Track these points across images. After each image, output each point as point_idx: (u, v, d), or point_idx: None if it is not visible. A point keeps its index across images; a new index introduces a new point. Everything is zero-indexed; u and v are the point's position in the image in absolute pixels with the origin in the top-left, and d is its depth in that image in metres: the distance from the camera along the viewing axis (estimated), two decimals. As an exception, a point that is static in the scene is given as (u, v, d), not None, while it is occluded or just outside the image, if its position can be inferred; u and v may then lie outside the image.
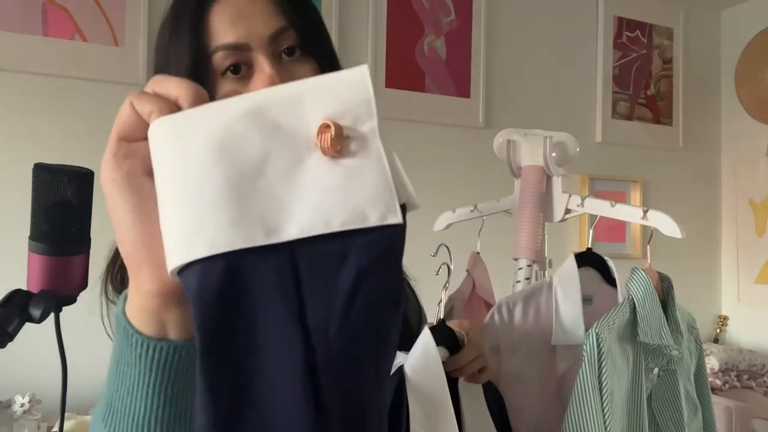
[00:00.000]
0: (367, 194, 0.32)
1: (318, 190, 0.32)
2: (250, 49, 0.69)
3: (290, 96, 0.33)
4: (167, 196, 0.33)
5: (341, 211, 0.32)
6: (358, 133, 0.33)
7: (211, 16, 0.69)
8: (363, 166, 0.33)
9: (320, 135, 0.33)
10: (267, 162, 0.33)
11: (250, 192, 0.32)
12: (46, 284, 0.65)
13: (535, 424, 0.96)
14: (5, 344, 0.62)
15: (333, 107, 0.33)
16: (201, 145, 0.33)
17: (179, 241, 0.32)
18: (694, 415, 1.02)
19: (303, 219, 0.32)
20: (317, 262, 0.32)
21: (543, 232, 1.21)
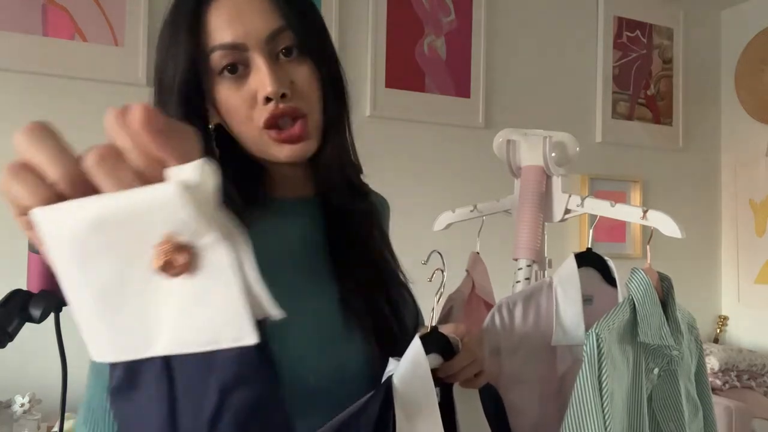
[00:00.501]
0: (218, 317, 0.32)
1: (171, 310, 0.32)
2: (246, 48, 0.69)
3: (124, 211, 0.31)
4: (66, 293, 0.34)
5: (195, 335, 0.32)
6: (199, 248, 0.31)
7: (208, 16, 0.70)
8: (210, 284, 0.32)
9: (154, 256, 0.31)
10: (123, 280, 0.32)
11: (116, 308, 0.33)
12: (46, 284, 0.65)
13: (535, 424, 0.96)
14: (5, 344, 0.62)
15: (168, 224, 0.31)
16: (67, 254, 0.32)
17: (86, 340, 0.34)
18: (695, 415, 1.02)
19: (165, 338, 0.33)
20: (186, 373, 0.33)
21: (543, 232, 1.21)
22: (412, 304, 0.87)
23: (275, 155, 0.74)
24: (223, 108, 0.73)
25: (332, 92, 0.77)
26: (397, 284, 0.85)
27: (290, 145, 0.73)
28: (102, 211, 0.31)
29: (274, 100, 0.70)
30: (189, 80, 0.70)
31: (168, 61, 0.72)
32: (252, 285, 0.32)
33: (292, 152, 0.73)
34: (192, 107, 0.72)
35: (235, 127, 0.74)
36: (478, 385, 0.82)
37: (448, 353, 0.77)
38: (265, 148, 0.74)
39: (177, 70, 0.70)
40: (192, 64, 0.70)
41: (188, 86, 0.71)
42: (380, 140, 2.62)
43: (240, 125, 0.73)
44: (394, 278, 0.85)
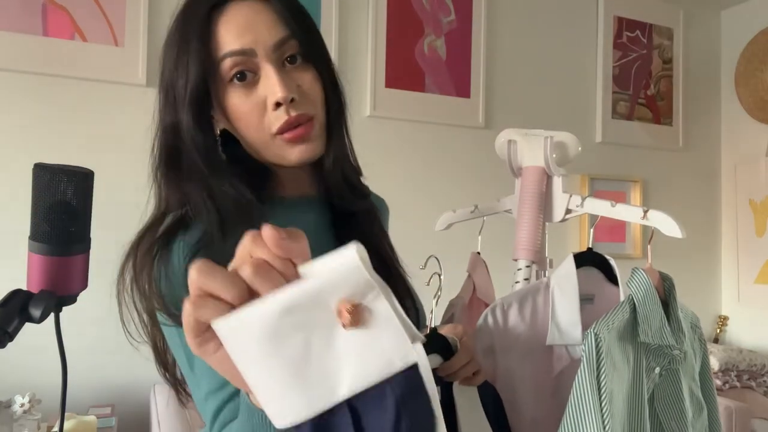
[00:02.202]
0: (389, 347, 0.42)
1: (353, 355, 0.42)
2: (255, 56, 0.74)
3: (311, 292, 0.41)
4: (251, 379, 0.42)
5: (375, 366, 0.42)
6: (368, 303, 0.42)
7: (218, 26, 0.74)
8: (379, 326, 0.42)
9: (340, 316, 0.41)
10: (309, 346, 0.41)
11: (305, 371, 0.42)
12: (46, 284, 0.65)
13: (531, 423, 0.96)
14: (5, 344, 0.62)
15: (344, 291, 0.41)
16: (257, 342, 0.41)
17: (271, 411, 0.42)
18: (699, 414, 1.02)
19: (349, 380, 0.42)
20: (368, 406, 0.42)
21: (543, 232, 1.21)
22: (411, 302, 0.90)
23: (287, 158, 0.77)
24: (233, 115, 0.76)
25: (334, 95, 0.81)
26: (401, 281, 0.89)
27: (301, 146, 0.77)
28: (291, 298, 0.41)
29: (284, 105, 0.74)
30: (199, 88, 0.74)
31: (178, 70, 0.75)
32: (402, 315, 0.43)
33: (302, 154, 0.77)
34: (202, 114, 0.75)
35: (245, 133, 0.77)
36: (476, 382, 0.84)
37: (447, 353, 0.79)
38: (277, 152, 0.77)
39: (188, 78, 0.74)
40: (202, 73, 0.74)
41: (199, 94, 0.74)
42: (380, 140, 2.62)
43: (250, 131, 0.77)
44: (397, 275, 0.89)
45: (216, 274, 0.41)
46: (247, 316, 0.41)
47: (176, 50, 0.76)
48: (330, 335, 0.41)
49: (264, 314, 0.41)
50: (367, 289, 0.41)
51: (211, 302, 0.41)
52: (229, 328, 0.41)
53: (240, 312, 0.41)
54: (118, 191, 1.76)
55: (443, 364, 0.79)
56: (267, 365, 0.41)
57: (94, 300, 0.96)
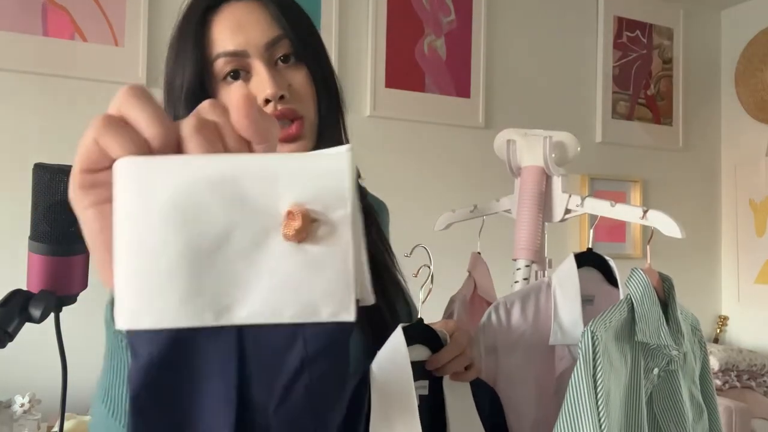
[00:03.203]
0: (324, 288, 0.32)
1: (276, 275, 0.32)
2: (248, 55, 0.76)
3: (265, 171, 0.32)
4: (123, 250, 0.32)
5: (294, 303, 0.32)
6: (328, 220, 0.32)
7: (213, 26, 0.76)
8: (326, 256, 0.32)
9: (286, 221, 0.32)
10: (228, 237, 0.32)
11: (206, 267, 0.31)
12: (46, 284, 0.65)
13: (533, 423, 0.96)
14: (5, 344, 0.62)
15: (306, 191, 0.32)
16: (164, 206, 0.31)
17: (128, 304, 0.31)
18: (700, 417, 1.02)
19: (255, 304, 0.32)
20: (263, 346, 0.32)
21: (543, 232, 1.21)
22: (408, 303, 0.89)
23: None
24: None
25: (326, 95, 0.82)
26: (395, 285, 0.88)
27: (290, 145, 0.78)
28: (234, 166, 0.31)
29: (273, 102, 0.75)
30: (195, 86, 0.76)
31: (177, 69, 0.78)
32: (363, 263, 0.33)
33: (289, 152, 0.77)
34: None
35: None
36: (468, 378, 0.83)
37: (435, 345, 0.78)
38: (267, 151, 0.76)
39: (184, 77, 0.76)
40: (198, 71, 0.76)
41: (194, 92, 0.76)
42: (380, 140, 2.62)
43: None
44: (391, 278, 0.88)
45: (150, 103, 0.33)
46: (167, 165, 0.31)
47: (175, 50, 0.79)
48: (259, 240, 0.32)
49: (191, 171, 0.31)
50: (338, 203, 0.32)
51: (128, 131, 0.33)
52: (136, 173, 0.31)
53: (160, 158, 0.32)
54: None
55: (431, 357, 0.78)
56: (158, 240, 0.31)
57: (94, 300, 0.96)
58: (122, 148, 0.32)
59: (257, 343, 0.32)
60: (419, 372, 0.74)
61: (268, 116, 0.35)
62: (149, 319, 0.31)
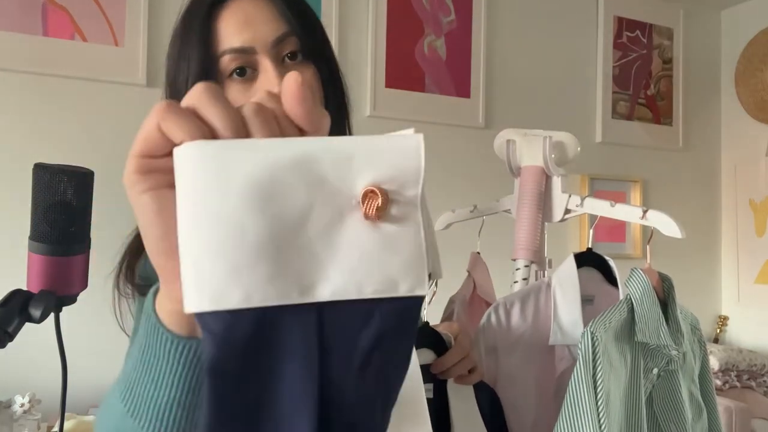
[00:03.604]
0: (401, 264, 0.33)
1: (355, 253, 0.32)
2: (255, 52, 0.73)
3: (341, 151, 0.32)
4: (199, 232, 0.31)
5: (374, 279, 0.33)
6: (402, 199, 0.33)
7: (219, 22, 0.74)
8: (400, 234, 0.33)
9: (366, 200, 0.32)
10: (309, 217, 0.32)
11: (289, 246, 0.32)
12: (46, 284, 0.65)
13: (533, 423, 0.96)
14: (5, 344, 0.62)
15: (382, 171, 0.33)
16: (244, 186, 0.31)
17: (210, 285, 0.31)
18: (699, 416, 1.02)
19: (337, 282, 0.32)
20: (343, 322, 0.33)
21: (542, 232, 1.21)
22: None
23: None
24: None
25: (333, 94, 0.80)
26: None
27: None
28: (310, 149, 0.32)
29: None
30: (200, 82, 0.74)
31: (180, 65, 0.76)
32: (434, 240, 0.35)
33: None
34: None
35: None
36: (471, 381, 0.83)
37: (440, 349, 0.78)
38: None
39: (189, 73, 0.74)
40: (203, 67, 0.74)
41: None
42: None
43: None
44: None
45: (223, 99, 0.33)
46: (240, 146, 0.32)
47: (178, 45, 0.77)
48: (337, 219, 0.32)
49: (271, 152, 0.32)
50: (412, 183, 0.33)
51: (193, 118, 0.33)
52: (207, 156, 0.31)
53: (232, 142, 0.32)
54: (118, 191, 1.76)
55: (436, 361, 0.78)
56: (243, 219, 0.31)
57: (95, 300, 0.96)
58: (186, 133, 0.32)
59: (336, 321, 0.33)
60: (424, 375, 0.74)
61: (320, 105, 0.34)
62: (237, 297, 0.31)
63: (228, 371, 0.32)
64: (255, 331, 0.32)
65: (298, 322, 0.32)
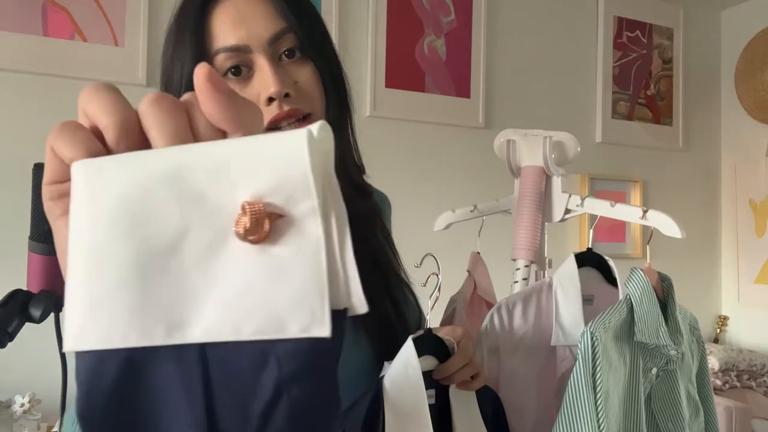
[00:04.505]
0: (291, 297, 0.26)
1: (232, 285, 0.27)
2: (250, 50, 0.70)
3: (216, 160, 0.27)
4: (73, 261, 0.28)
5: (254, 317, 0.26)
6: (292, 215, 0.27)
7: (212, 18, 0.71)
8: (292, 258, 0.27)
9: (238, 218, 0.27)
10: (184, 240, 0.27)
11: (159, 276, 0.27)
12: (46, 284, 0.65)
13: (535, 424, 0.96)
14: (5, 344, 0.62)
15: (264, 182, 0.27)
16: (113, 209, 0.27)
17: (73, 321, 0.27)
18: (696, 415, 1.02)
19: (210, 319, 0.27)
20: (231, 368, 0.27)
21: (542, 232, 1.21)
22: (414, 304, 0.87)
23: None
24: None
25: (334, 92, 0.77)
26: (399, 284, 0.86)
27: None
28: (188, 158, 0.27)
29: (277, 100, 0.70)
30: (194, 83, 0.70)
31: (174, 64, 0.73)
32: (343, 268, 0.27)
33: None
34: None
35: None
36: (474, 387, 0.82)
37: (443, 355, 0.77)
38: None
39: (183, 73, 0.71)
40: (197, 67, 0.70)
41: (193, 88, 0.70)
42: (380, 140, 2.62)
43: None
44: (396, 279, 0.86)
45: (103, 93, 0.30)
46: (117, 163, 0.28)
47: (172, 43, 0.74)
48: (218, 242, 0.27)
49: (142, 167, 0.27)
50: (302, 194, 0.27)
51: (78, 132, 0.30)
52: (86, 175, 0.28)
53: (113, 156, 0.28)
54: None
55: (439, 367, 0.77)
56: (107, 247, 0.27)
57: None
58: (74, 150, 0.29)
59: (223, 365, 0.27)
60: (426, 381, 0.74)
61: (243, 99, 0.30)
62: (94, 337, 0.27)
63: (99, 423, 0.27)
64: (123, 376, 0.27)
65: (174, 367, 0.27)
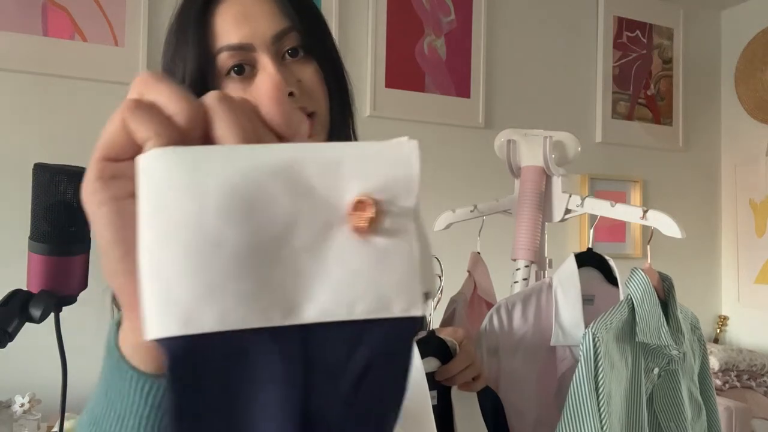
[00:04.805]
0: (395, 281, 0.29)
1: (344, 269, 0.29)
2: (253, 49, 0.70)
3: (329, 158, 0.29)
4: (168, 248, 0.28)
5: (366, 298, 0.29)
6: (395, 211, 0.30)
7: (215, 16, 0.70)
8: (393, 248, 0.29)
9: (356, 211, 0.29)
10: (294, 229, 0.29)
11: (272, 261, 0.28)
12: (46, 284, 0.65)
13: (535, 424, 0.96)
14: (5, 344, 0.62)
15: (373, 180, 0.30)
16: (220, 195, 0.28)
17: (177, 306, 0.27)
18: (698, 415, 1.02)
19: (325, 301, 0.29)
20: (329, 347, 0.29)
21: (542, 232, 1.21)
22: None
23: None
24: None
25: (337, 92, 0.77)
26: None
27: None
28: (299, 154, 0.29)
29: None
30: (196, 82, 0.70)
31: (175, 63, 0.72)
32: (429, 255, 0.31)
33: None
34: None
35: None
36: (476, 388, 0.82)
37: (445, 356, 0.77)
38: None
39: (185, 72, 0.70)
40: (199, 65, 0.70)
41: (195, 88, 0.69)
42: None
43: None
44: None
45: (167, 83, 0.30)
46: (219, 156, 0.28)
47: (174, 42, 0.73)
48: (324, 232, 0.29)
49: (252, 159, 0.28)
50: (405, 193, 0.30)
51: (162, 116, 0.30)
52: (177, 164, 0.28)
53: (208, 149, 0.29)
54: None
55: (441, 369, 0.77)
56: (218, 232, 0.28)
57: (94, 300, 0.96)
58: (151, 132, 0.29)
59: (323, 346, 0.29)
60: (429, 382, 0.74)
61: (297, 110, 0.32)
62: (211, 319, 0.27)
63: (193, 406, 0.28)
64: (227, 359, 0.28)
65: (279, 347, 0.28)
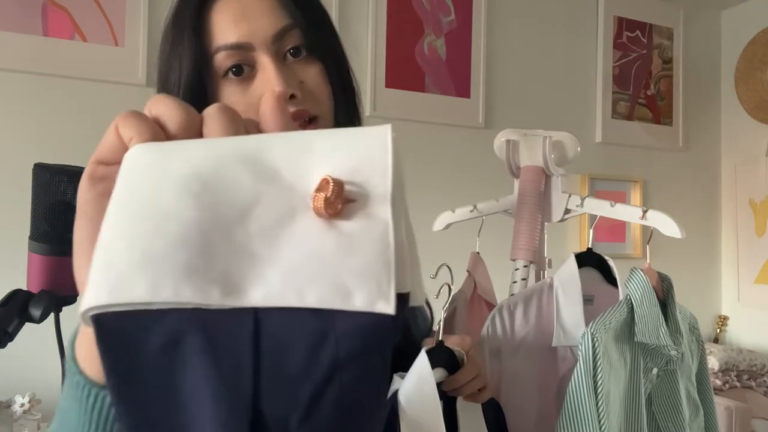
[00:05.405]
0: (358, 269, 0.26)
1: (301, 252, 0.26)
2: (252, 48, 0.66)
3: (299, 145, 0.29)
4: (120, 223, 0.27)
5: (320, 284, 0.26)
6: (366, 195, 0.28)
7: (213, 15, 0.67)
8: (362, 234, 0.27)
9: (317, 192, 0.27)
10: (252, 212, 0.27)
11: (222, 241, 0.26)
12: (46, 284, 0.65)
13: (536, 424, 0.96)
14: (5, 344, 0.62)
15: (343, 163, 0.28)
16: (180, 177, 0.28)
17: (111, 275, 0.26)
18: (696, 415, 1.02)
19: (273, 283, 0.26)
20: (284, 341, 0.26)
21: (542, 232, 1.21)
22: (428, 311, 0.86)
23: None
24: None
25: (342, 93, 0.73)
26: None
27: None
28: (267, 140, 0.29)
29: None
30: (193, 83, 0.67)
31: (172, 63, 0.69)
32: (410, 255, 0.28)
33: None
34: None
35: None
36: (482, 399, 0.81)
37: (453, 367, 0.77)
38: None
39: (181, 72, 0.67)
40: (196, 66, 0.66)
41: (192, 89, 0.67)
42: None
43: None
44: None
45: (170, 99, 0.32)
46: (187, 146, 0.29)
47: (170, 42, 0.69)
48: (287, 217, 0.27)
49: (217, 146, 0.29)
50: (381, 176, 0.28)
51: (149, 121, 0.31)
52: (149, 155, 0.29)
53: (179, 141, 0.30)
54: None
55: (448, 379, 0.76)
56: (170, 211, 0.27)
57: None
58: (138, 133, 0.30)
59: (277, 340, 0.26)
60: None
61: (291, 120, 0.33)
62: (141, 289, 0.25)
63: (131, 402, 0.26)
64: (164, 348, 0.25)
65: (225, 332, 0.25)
